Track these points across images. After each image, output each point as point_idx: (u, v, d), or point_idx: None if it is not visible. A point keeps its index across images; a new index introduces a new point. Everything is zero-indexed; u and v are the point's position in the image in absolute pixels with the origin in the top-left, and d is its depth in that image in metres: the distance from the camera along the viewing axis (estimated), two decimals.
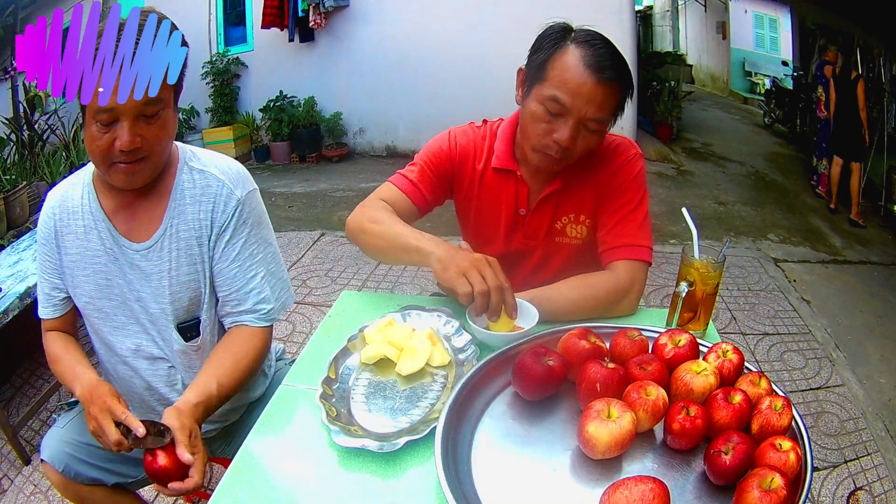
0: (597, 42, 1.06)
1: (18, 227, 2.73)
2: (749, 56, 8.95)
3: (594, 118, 1.06)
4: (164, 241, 1.08)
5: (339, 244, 3.83)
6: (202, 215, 1.08)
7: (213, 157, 1.15)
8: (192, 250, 1.09)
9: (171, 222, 1.08)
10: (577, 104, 1.04)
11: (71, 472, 1.18)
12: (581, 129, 1.07)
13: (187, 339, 1.14)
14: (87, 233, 1.09)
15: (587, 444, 0.75)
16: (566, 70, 1.04)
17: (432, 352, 0.99)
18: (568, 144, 1.07)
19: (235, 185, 1.11)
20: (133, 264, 1.09)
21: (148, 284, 1.09)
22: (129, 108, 0.93)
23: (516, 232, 1.27)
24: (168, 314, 1.11)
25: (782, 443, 0.71)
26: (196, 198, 1.09)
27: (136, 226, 1.09)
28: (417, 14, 5.28)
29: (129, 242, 1.08)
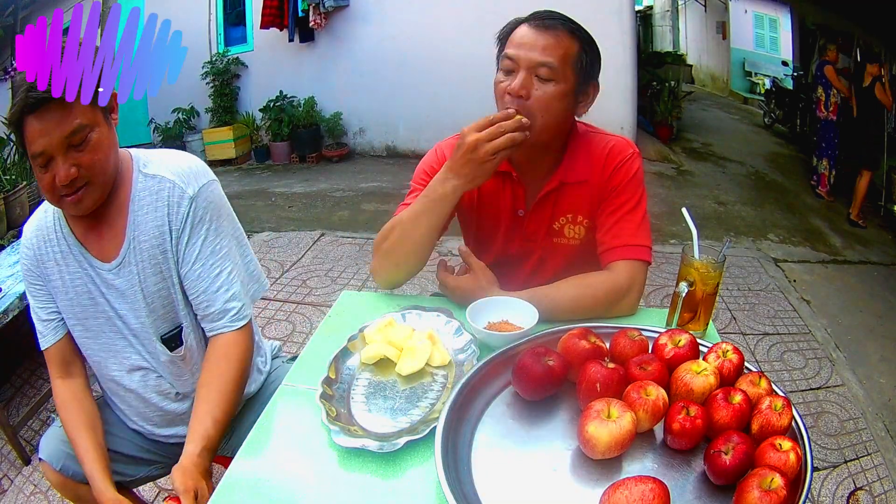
0: (547, 10, 1.12)
1: (18, 227, 2.73)
2: (749, 56, 8.96)
3: (540, 62, 1.07)
4: (130, 256, 1.08)
5: (339, 244, 3.83)
6: (159, 221, 1.08)
7: (165, 158, 1.13)
8: (156, 259, 1.09)
9: (133, 235, 1.08)
10: (520, 53, 1.08)
11: (69, 471, 1.18)
12: (532, 79, 1.08)
13: (172, 348, 1.14)
14: (65, 258, 1.10)
15: (587, 444, 0.75)
16: (514, 34, 1.12)
17: (432, 352, 0.99)
18: (518, 91, 1.07)
19: (187, 184, 1.09)
20: (109, 284, 1.10)
21: (125, 301, 1.10)
22: (57, 145, 0.94)
23: (515, 233, 1.27)
24: (148, 327, 1.12)
25: (782, 443, 0.71)
26: (152, 205, 1.08)
27: (104, 245, 1.09)
28: (417, 14, 5.28)
29: (100, 263, 1.09)
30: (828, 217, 4.49)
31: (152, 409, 1.21)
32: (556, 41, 1.08)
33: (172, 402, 1.21)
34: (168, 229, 1.08)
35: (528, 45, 1.08)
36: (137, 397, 1.19)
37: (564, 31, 1.09)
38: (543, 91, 1.08)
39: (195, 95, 5.89)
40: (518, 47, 1.09)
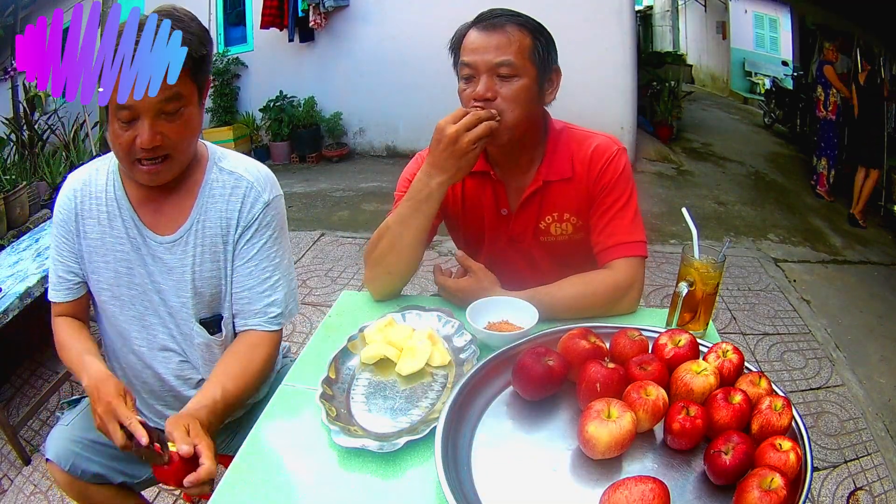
0: (493, 9, 1.13)
1: (18, 227, 2.74)
2: (749, 56, 8.96)
3: (499, 62, 1.08)
4: (190, 237, 1.09)
5: (339, 244, 3.83)
6: (229, 213, 1.10)
7: (243, 159, 1.16)
8: (217, 247, 1.10)
9: (199, 217, 1.09)
10: (476, 59, 1.10)
11: (77, 470, 1.17)
12: (495, 80, 1.09)
13: (212, 333, 1.15)
14: (111, 220, 1.09)
15: (587, 444, 0.75)
16: (465, 41, 1.13)
17: (432, 352, 0.99)
18: (483, 95, 1.09)
19: (263, 189, 1.12)
20: (156, 256, 1.10)
21: (170, 277, 1.10)
22: (148, 106, 0.93)
23: (501, 233, 1.27)
24: (189, 308, 1.12)
25: (782, 443, 0.71)
26: (225, 196, 1.10)
27: (161, 219, 1.10)
28: (417, 14, 5.28)
29: (154, 234, 1.09)
30: (828, 217, 4.49)
31: (168, 390, 1.20)
32: (508, 38, 1.09)
33: (192, 389, 1.19)
34: (236, 223, 1.10)
35: (481, 49, 1.09)
36: (155, 375, 1.18)
37: (513, 26, 1.10)
38: (508, 89, 1.10)
39: None
40: (472, 53, 1.10)
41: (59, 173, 3.73)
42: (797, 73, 7.16)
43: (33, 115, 4.08)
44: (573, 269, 1.20)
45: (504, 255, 1.29)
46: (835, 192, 4.84)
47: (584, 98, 5.15)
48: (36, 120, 4.10)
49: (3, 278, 2.07)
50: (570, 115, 1.29)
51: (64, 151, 4.07)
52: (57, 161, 3.69)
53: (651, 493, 0.64)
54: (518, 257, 1.29)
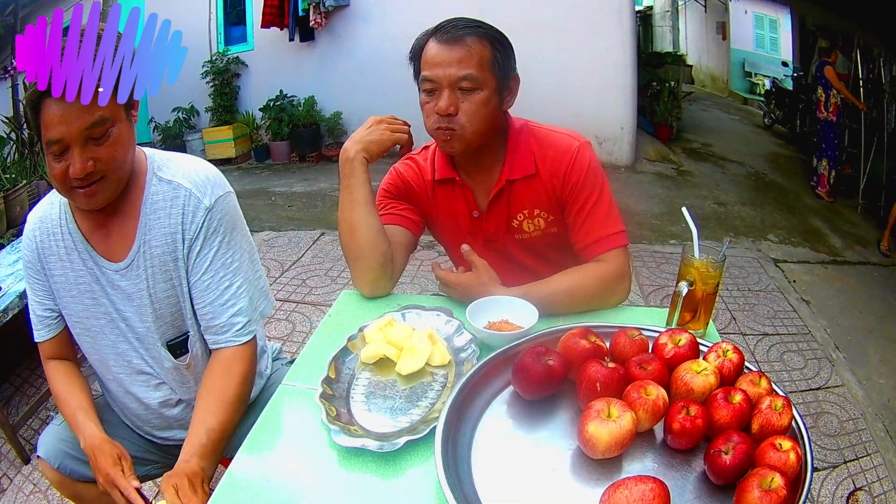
0: (451, 20, 1.13)
1: (18, 226, 2.73)
2: (749, 56, 8.97)
3: (461, 76, 1.09)
4: (139, 259, 1.06)
5: (338, 244, 3.82)
6: (173, 228, 1.05)
7: (182, 163, 1.11)
8: (167, 265, 1.07)
9: (144, 238, 1.06)
10: (437, 72, 1.10)
11: (66, 469, 1.18)
12: (457, 94, 1.11)
13: (177, 355, 1.13)
14: (69, 254, 1.08)
15: (587, 444, 0.75)
16: (425, 53, 1.14)
17: (432, 351, 0.99)
18: (445, 110, 1.10)
19: (203, 194, 1.06)
20: (114, 284, 1.08)
21: (130, 304, 1.08)
22: (76, 135, 0.92)
23: (477, 235, 1.30)
24: (153, 332, 1.10)
25: (782, 443, 0.71)
26: (166, 210, 1.05)
27: (112, 244, 1.07)
28: (417, 14, 5.27)
29: (107, 263, 1.07)
30: (828, 218, 4.49)
31: (152, 413, 1.20)
32: (468, 51, 1.09)
33: (173, 408, 1.20)
34: (181, 237, 1.06)
35: (443, 63, 1.10)
36: (136, 400, 1.19)
37: (474, 38, 1.10)
38: (470, 102, 1.11)
39: (195, 95, 5.89)
40: (434, 67, 1.11)
41: None
42: (797, 73, 7.16)
43: None
44: (554, 263, 1.24)
45: (484, 257, 1.27)
46: (835, 193, 4.84)
47: (584, 98, 5.15)
48: None
49: (2, 277, 2.07)
50: (571, 114, 1.30)
51: None
52: None
53: (651, 492, 0.64)
54: (497, 257, 1.29)
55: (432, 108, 1.13)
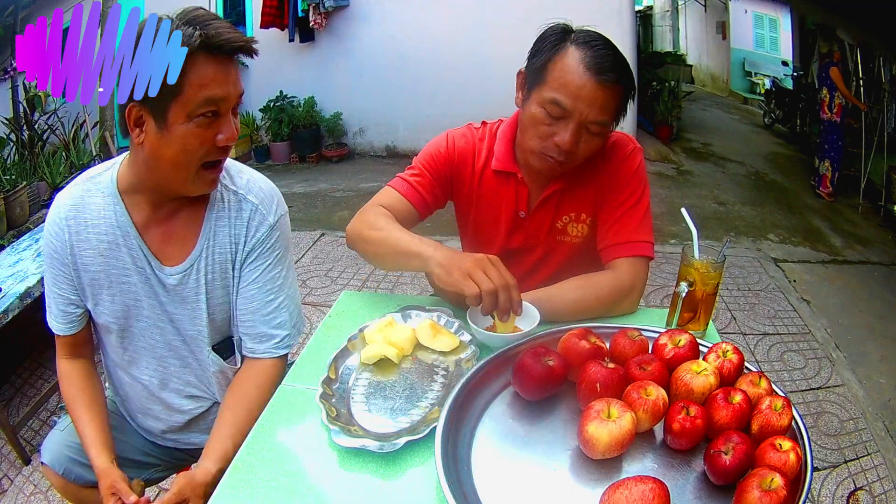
0: (597, 43, 1.05)
1: (18, 227, 2.74)
2: (749, 56, 8.97)
3: (596, 121, 1.05)
4: (200, 263, 1.05)
5: (339, 244, 3.83)
6: (236, 238, 1.06)
7: (250, 177, 1.10)
8: (226, 271, 1.07)
9: (206, 244, 1.04)
10: (578, 107, 1.03)
11: (71, 474, 1.18)
12: (583, 132, 1.06)
13: (225, 358, 1.13)
14: (114, 249, 1.02)
15: (587, 444, 0.75)
16: (566, 72, 1.04)
17: (440, 337, 1.02)
18: (569, 147, 1.06)
19: (269, 210, 1.08)
20: (167, 287, 1.05)
21: (184, 307, 1.06)
22: (233, 99, 0.91)
23: (517, 233, 1.27)
24: (205, 336, 1.09)
25: (782, 443, 0.71)
26: (231, 220, 1.05)
27: (170, 245, 1.04)
28: (417, 14, 5.28)
29: (161, 265, 1.03)
30: (828, 217, 4.49)
31: (172, 411, 1.18)
32: (613, 97, 1.05)
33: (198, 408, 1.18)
34: (242, 246, 1.06)
35: (585, 100, 1.03)
36: (163, 404, 1.17)
37: (621, 87, 1.06)
38: (589, 145, 1.09)
39: None
40: (575, 99, 1.03)
41: (58, 173, 3.73)
42: (797, 73, 7.17)
43: (33, 115, 4.08)
44: (581, 271, 1.18)
45: (516, 252, 1.28)
46: (836, 193, 4.83)
47: None
48: (36, 120, 4.10)
49: (3, 278, 2.07)
50: None
51: (64, 151, 4.07)
52: (57, 161, 3.69)
53: (651, 493, 0.64)
54: (529, 255, 1.28)
55: (550, 133, 1.07)
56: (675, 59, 9.33)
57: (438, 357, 1.01)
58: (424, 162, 1.25)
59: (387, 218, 1.16)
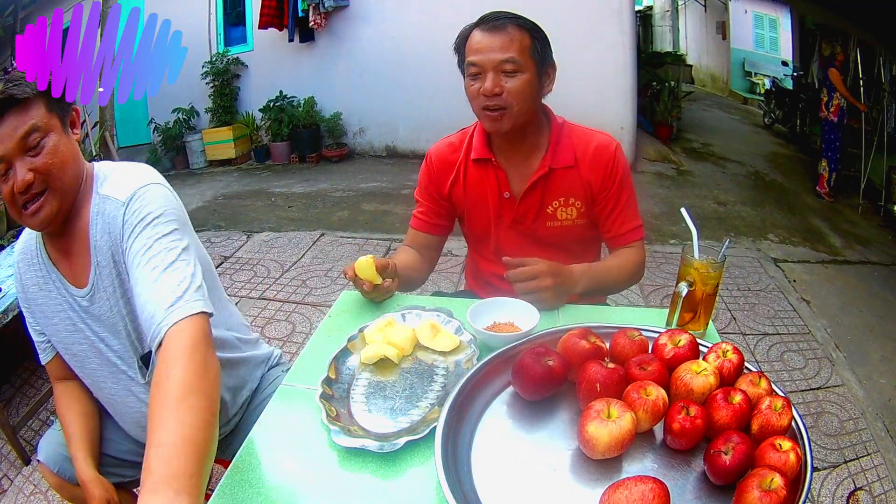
0: (494, 12, 1.23)
1: (18, 227, 2.73)
2: (749, 56, 8.96)
3: (503, 60, 1.18)
4: (99, 281, 1.05)
5: (338, 244, 3.83)
6: (110, 243, 1.02)
7: (118, 173, 1.06)
8: (118, 278, 1.04)
9: (96, 260, 1.04)
10: (481, 58, 1.20)
11: (66, 473, 1.18)
12: (500, 76, 1.20)
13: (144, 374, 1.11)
14: (46, 283, 1.09)
15: (587, 444, 0.75)
16: (470, 40, 1.23)
17: (440, 337, 1.02)
18: (491, 90, 1.19)
19: (120, 193, 1.01)
20: (86, 310, 1.08)
21: (104, 326, 1.08)
22: (14, 149, 0.92)
23: (505, 216, 1.37)
24: (129, 350, 1.09)
25: (782, 443, 0.71)
26: (105, 227, 1.02)
27: (75, 270, 1.07)
28: (417, 14, 5.28)
29: (75, 289, 1.07)
30: (828, 217, 4.49)
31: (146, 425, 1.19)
32: (510, 38, 1.19)
33: None
34: (117, 247, 1.01)
35: (486, 48, 1.19)
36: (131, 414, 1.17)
37: (514, 27, 1.20)
38: (513, 83, 1.20)
39: (195, 95, 5.89)
40: (478, 52, 1.20)
41: None
42: (797, 73, 7.16)
43: None
44: (570, 253, 1.36)
45: (509, 237, 1.39)
46: (835, 193, 4.83)
47: (585, 98, 5.15)
48: None
49: (3, 278, 2.07)
50: (571, 114, 1.32)
51: None
52: None
53: (651, 493, 0.64)
54: (523, 238, 1.38)
55: (478, 90, 1.22)
56: (675, 59, 9.33)
57: (438, 357, 1.02)
58: (419, 193, 1.45)
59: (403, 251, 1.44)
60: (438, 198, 1.42)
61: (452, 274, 3.27)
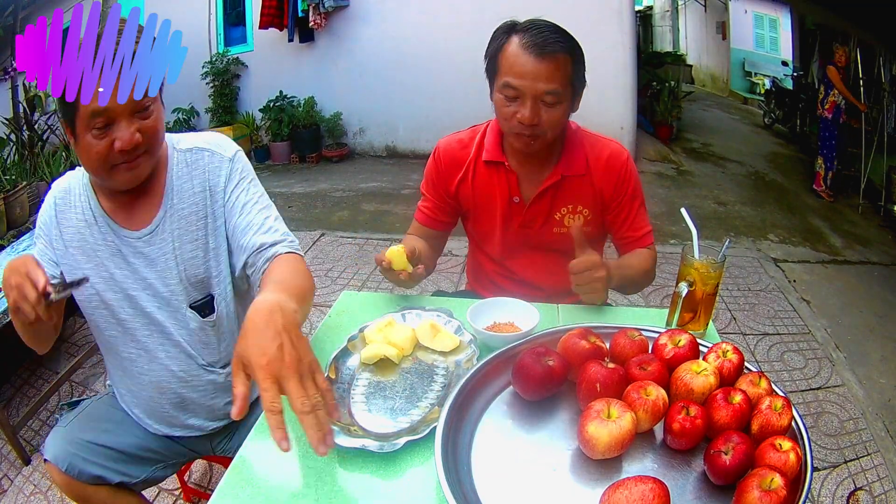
0: (536, 25, 1.15)
1: (18, 227, 2.73)
2: (749, 56, 8.97)
3: (547, 91, 1.14)
4: (165, 224, 1.10)
5: (338, 244, 3.83)
6: (199, 188, 1.11)
7: (197, 133, 1.18)
8: (193, 227, 1.11)
9: (170, 203, 1.10)
10: (525, 84, 1.14)
11: (74, 470, 1.18)
12: (540, 105, 1.16)
13: (204, 315, 1.15)
14: (88, 227, 1.10)
15: (587, 444, 0.75)
16: (510, 57, 1.15)
17: (440, 337, 1.03)
18: (530, 121, 1.15)
19: (223, 149, 1.14)
20: (137, 251, 1.10)
21: (154, 269, 1.11)
22: (125, 108, 0.94)
23: (512, 220, 1.36)
24: (179, 294, 1.12)
25: (782, 443, 0.71)
26: (190, 174, 1.11)
27: (135, 215, 1.10)
28: (417, 14, 5.28)
29: (129, 231, 1.09)
30: (828, 217, 4.49)
31: (169, 391, 1.18)
32: (556, 66, 1.13)
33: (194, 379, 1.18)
34: (209, 193, 1.11)
35: (531, 76, 1.13)
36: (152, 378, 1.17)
37: (563, 54, 1.14)
38: (551, 114, 1.17)
39: (195, 95, 5.89)
40: (521, 77, 1.14)
41: (59, 173, 3.72)
42: (797, 73, 7.16)
43: (33, 115, 4.08)
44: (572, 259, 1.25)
45: (515, 240, 1.38)
46: (836, 193, 4.83)
47: (585, 98, 5.14)
48: (36, 120, 4.10)
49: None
50: (571, 114, 1.31)
51: (64, 151, 4.06)
52: (57, 161, 3.68)
53: (651, 493, 0.64)
54: (530, 242, 1.38)
55: (513, 113, 1.17)
56: (675, 59, 9.33)
57: (438, 357, 1.02)
58: (424, 187, 1.43)
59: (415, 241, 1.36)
60: (445, 194, 1.40)
61: (452, 274, 3.27)
